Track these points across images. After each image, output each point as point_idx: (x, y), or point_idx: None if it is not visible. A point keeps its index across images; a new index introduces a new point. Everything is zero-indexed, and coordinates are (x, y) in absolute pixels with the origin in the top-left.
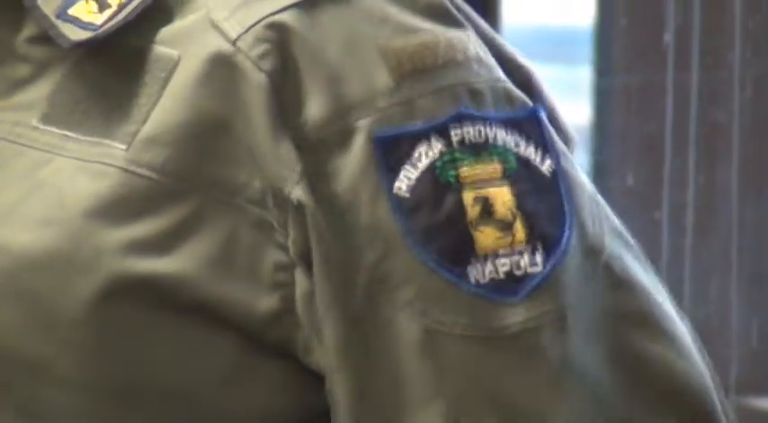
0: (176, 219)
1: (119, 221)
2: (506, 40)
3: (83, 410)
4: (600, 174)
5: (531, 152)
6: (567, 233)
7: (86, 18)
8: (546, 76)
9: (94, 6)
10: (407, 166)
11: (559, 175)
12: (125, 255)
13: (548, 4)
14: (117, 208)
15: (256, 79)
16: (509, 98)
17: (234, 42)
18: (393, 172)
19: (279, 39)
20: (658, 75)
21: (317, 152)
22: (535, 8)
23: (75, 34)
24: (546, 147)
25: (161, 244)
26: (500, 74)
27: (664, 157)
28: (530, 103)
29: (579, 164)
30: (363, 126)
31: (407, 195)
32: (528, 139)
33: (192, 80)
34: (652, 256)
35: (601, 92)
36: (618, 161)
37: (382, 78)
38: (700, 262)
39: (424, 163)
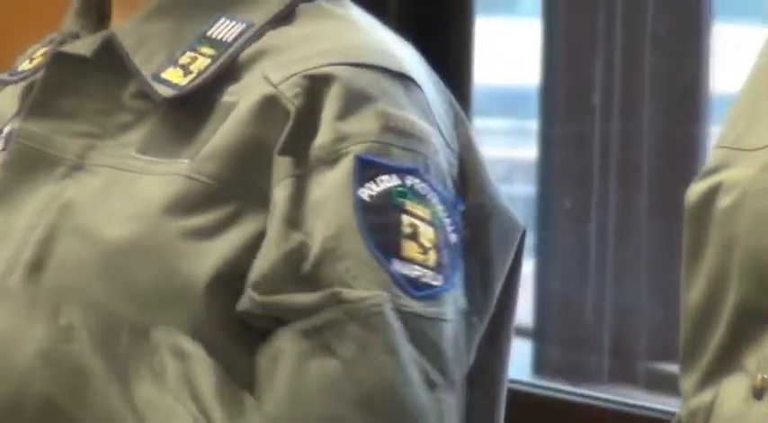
0: (223, 214)
1: (182, 214)
2: (474, 99)
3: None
4: (544, 199)
5: (447, 223)
6: (454, 280)
7: (174, 80)
8: (503, 125)
9: (180, 72)
10: (372, 184)
11: (460, 249)
12: (185, 239)
13: (504, 69)
14: (181, 204)
15: (288, 110)
16: (444, 183)
17: (276, 86)
18: (362, 183)
19: (309, 86)
20: (588, 125)
21: (312, 166)
22: (494, 72)
23: (166, 92)
24: (456, 229)
25: (210, 232)
26: (445, 165)
27: (592, 187)
28: (454, 192)
29: (526, 192)
30: (353, 150)
31: (367, 200)
32: (447, 215)
33: (244, 114)
34: (583, 260)
35: (545, 138)
36: (557, 190)
37: (374, 126)
38: (618, 264)
39: (384, 186)
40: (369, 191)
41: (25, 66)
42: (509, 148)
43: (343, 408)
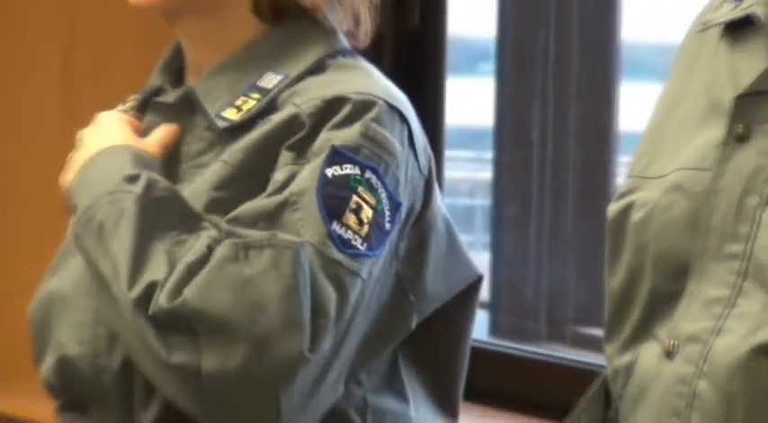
0: (242, 190)
1: (219, 189)
2: (447, 135)
3: None
4: (496, 208)
5: (387, 214)
6: (377, 252)
7: (229, 117)
8: (467, 155)
9: (234, 111)
10: (338, 167)
11: (390, 235)
12: (214, 208)
13: (467, 114)
14: (216, 183)
15: (304, 122)
16: (397, 188)
17: (299, 106)
18: (330, 165)
19: (324, 106)
20: (528, 154)
21: (306, 160)
22: (461, 115)
23: (222, 125)
24: (392, 221)
25: (236, 203)
26: (404, 179)
27: (531, 200)
28: (404, 198)
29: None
30: (334, 144)
31: (329, 176)
32: (389, 209)
33: (272, 125)
34: (524, 253)
35: (497, 164)
36: (506, 202)
37: (356, 132)
38: (550, 256)
39: (346, 172)
40: (333, 171)
41: (120, 108)
42: (472, 172)
43: (239, 304)
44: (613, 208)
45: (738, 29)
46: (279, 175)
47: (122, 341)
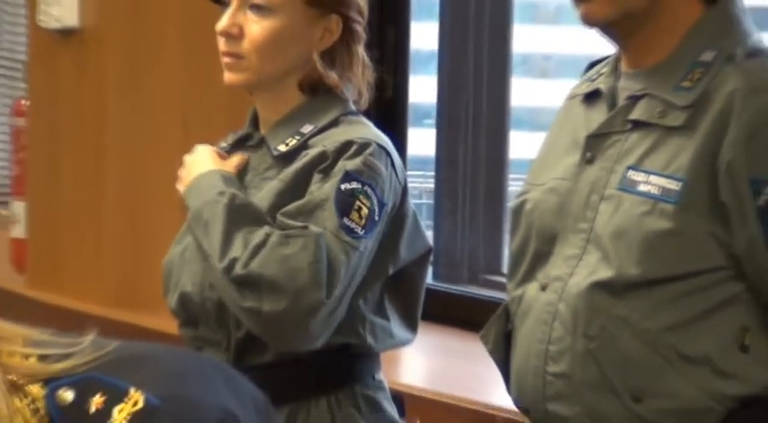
0: (291, 198)
1: (278, 196)
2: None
3: None
4: (436, 204)
5: (376, 212)
6: (369, 235)
7: (280, 149)
8: (418, 173)
9: (284, 146)
10: (348, 184)
11: (378, 224)
12: (274, 208)
13: (419, 147)
14: (277, 193)
15: (329, 157)
16: (383, 195)
17: (326, 146)
18: (343, 182)
19: (341, 147)
20: (456, 173)
21: (329, 176)
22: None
23: (276, 153)
24: (379, 216)
25: (287, 205)
26: (388, 188)
27: (457, 200)
28: (387, 200)
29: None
30: (347, 168)
31: (342, 189)
32: (378, 209)
33: (308, 158)
34: (453, 231)
35: (437, 179)
36: (441, 200)
37: (360, 161)
38: (470, 232)
39: (352, 186)
40: (345, 186)
41: (223, 143)
42: (420, 183)
43: (283, 272)
44: (513, 203)
45: (591, 97)
46: (313, 188)
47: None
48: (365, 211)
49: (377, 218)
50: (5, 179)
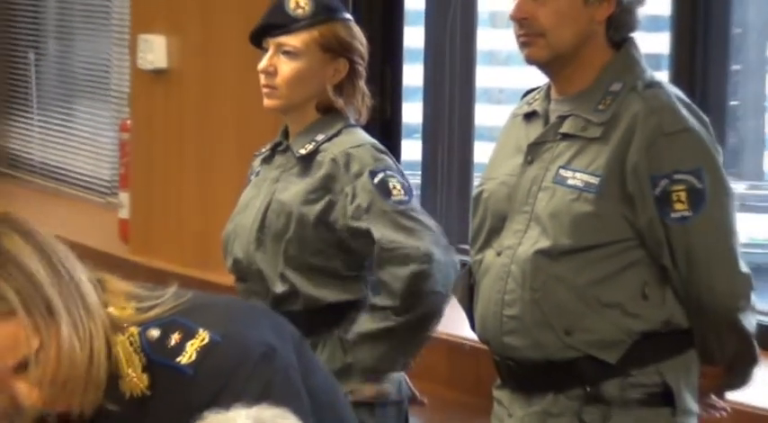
0: (321, 192)
1: (311, 192)
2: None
3: None
4: (422, 194)
5: (407, 188)
6: (411, 197)
7: (300, 152)
8: (408, 172)
9: (303, 150)
10: (377, 175)
11: (411, 186)
12: (307, 199)
13: (410, 152)
14: (308, 188)
15: (336, 158)
16: (402, 180)
17: (335, 153)
18: (373, 176)
19: (348, 151)
20: (437, 175)
21: (350, 173)
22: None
23: (297, 155)
24: (410, 191)
25: (317, 196)
26: (398, 176)
27: (437, 190)
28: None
29: None
30: (368, 168)
31: (376, 181)
32: (407, 186)
33: (322, 162)
34: (434, 213)
35: (423, 175)
36: (425, 193)
37: (371, 157)
38: (446, 213)
39: (382, 176)
40: (377, 178)
41: (262, 150)
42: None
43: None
44: (474, 192)
45: (530, 116)
46: (351, 208)
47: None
48: (399, 189)
49: (411, 188)
50: (115, 176)
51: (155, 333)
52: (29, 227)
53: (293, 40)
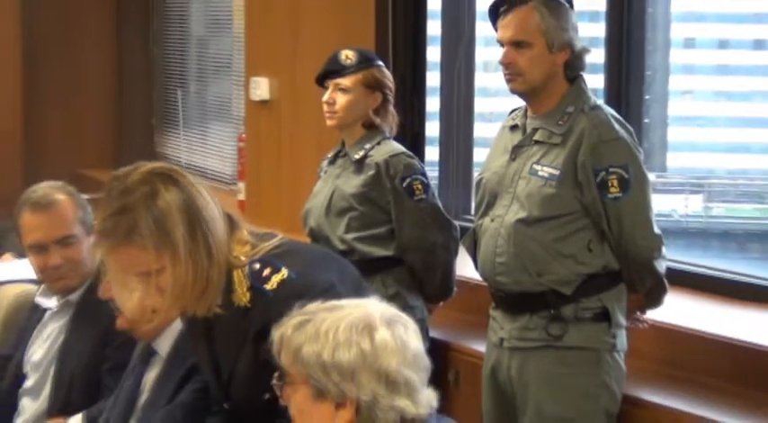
0: (373, 189)
1: (363, 186)
2: None
3: None
4: (439, 187)
5: (428, 185)
6: (430, 193)
7: (356, 157)
8: (428, 170)
9: (359, 154)
10: (405, 180)
11: (430, 185)
12: (363, 194)
13: (432, 154)
14: (361, 184)
15: (379, 163)
16: (427, 179)
17: (377, 158)
18: (403, 180)
19: (388, 158)
20: (449, 170)
21: (390, 175)
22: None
23: (352, 159)
24: (428, 183)
25: (368, 192)
26: (422, 177)
27: (448, 178)
28: (426, 176)
29: None
30: (402, 175)
31: (405, 185)
32: (427, 184)
33: (370, 166)
34: (446, 195)
35: (440, 172)
36: (441, 182)
37: (402, 165)
38: (454, 193)
39: (410, 179)
40: (405, 182)
41: (327, 156)
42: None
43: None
44: (476, 179)
45: (514, 128)
46: (394, 207)
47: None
48: (421, 187)
49: (432, 188)
50: (235, 172)
51: (256, 266)
52: (183, 180)
53: (345, 81)
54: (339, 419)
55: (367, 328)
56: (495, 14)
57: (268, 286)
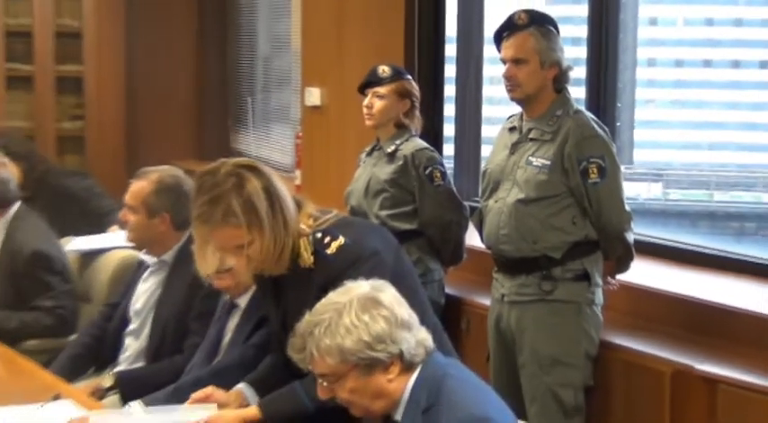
0: (402, 177)
1: (393, 173)
2: None
3: None
4: (454, 175)
5: (446, 173)
6: (446, 181)
7: (388, 150)
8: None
9: (390, 149)
10: (428, 170)
11: (448, 174)
12: (392, 181)
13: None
14: (392, 173)
15: (407, 156)
16: (445, 169)
17: (406, 152)
18: (425, 169)
19: (415, 151)
20: (462, 162)
21: (416, 165)
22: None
23: (385, 152)
24: (446, 172)
25: (398, 180)
26: (441, 162)
27: (462, 168)
28: (444, 167)
29: None
30: (425, 165)
31: (427, 173)
32: (444, 172)
33: (402, 157)
34: (460, 182)
35: (455, 163)
36: (456, 172)
37: (425, 158)
38: (463, 180)
39: (431, 169)
40: (427, 170)
41: (366, 149)
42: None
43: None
44: (483, 169)
45: (512, 129)
46: (419, 190)
47: None
48: (439, 175)
49: (448, 176)
50: (293, 162)
51: (318, 235)
52: (264, 172)
53: (381, 90)
54: (392, 375)
55: (371, 300)
56: (499, 38)
57: (329, 251)
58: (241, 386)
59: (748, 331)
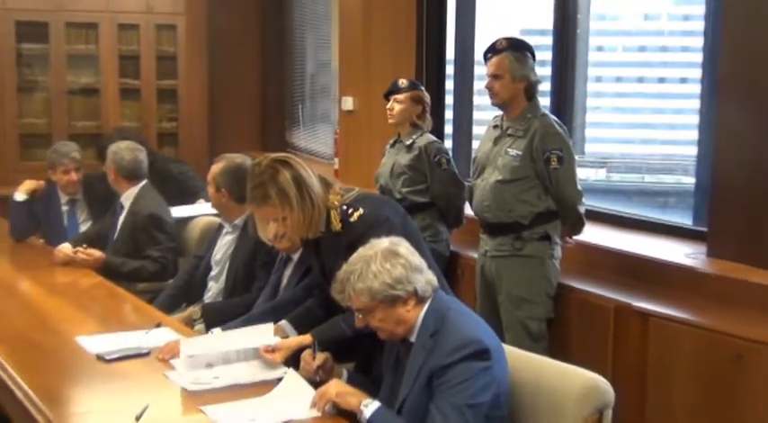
0: (419, 165)
1: (411, 160)
2: None
3: None
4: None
5: (452, 161)
6: (452, 167)
7: (407, 143)
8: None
9: (409, 141)
10: (437, 158)
11: (453, 165)
12: (409, 167)
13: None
14: (408, 162)
15: (422, 147)
16: (450, 156)
17: (421, 143)
18: (435, 156)
19: (428, 143)
20: (458, 150)
21: (428, 154)
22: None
23: (407, 144)
24: (452, 164)
25: (416, 168)
26: (447, 152)
27: (459, 156)
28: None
29: None
30: (435, 154)
31: (437, 160)
32: (452, 161)
33: (418, 147)
34: (457, 165)
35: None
36: (456, 156)
37: (436, 147)
38: (462, 165)
39: (438, 157)
40: (436, 158)
41: (390, 141)
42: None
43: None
44: (473, 157)
45: (496, 126)
46: (432, 173)
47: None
48: (446, 161)
49: (452, 161)
50: (332, 153)
51: (344, 207)
52: (294, 163)
53: (400, 97)
54: (409, 307)
55: (391, 252)
56: (485, 59)
57: (352, 219)
58: (282, 323)
59: (672, 277)
